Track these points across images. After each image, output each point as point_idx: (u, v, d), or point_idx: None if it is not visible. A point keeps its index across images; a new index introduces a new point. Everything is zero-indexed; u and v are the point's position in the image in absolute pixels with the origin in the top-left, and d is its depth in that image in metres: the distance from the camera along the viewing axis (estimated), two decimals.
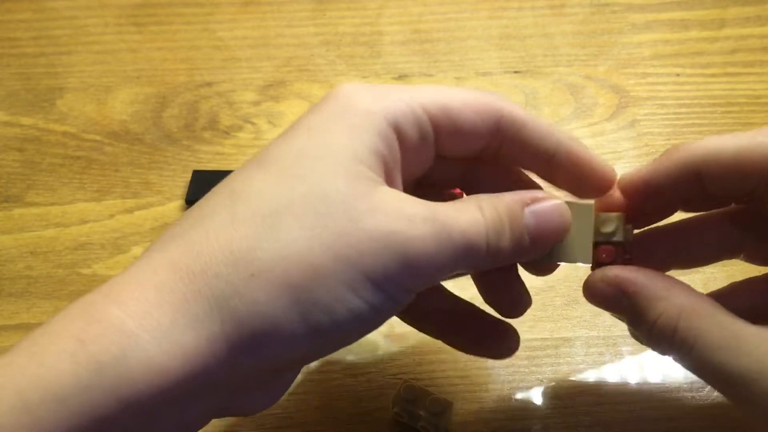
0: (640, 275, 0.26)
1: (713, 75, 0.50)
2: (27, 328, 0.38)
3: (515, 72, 0.51)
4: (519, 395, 0.35)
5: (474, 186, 0.29)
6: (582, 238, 0.27)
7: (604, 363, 0.36)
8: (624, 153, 0.46)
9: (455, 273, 0.25)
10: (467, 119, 0.26)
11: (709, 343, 0.24)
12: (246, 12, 0.55)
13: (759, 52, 0.51)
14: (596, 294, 0.27)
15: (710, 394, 0.35)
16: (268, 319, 0.21)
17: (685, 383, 0.35)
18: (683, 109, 0.48)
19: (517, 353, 0.30)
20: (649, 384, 0.35)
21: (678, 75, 0.50)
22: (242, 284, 0.21)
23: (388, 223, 0.23)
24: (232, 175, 0.25)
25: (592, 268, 0.28)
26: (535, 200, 0.25)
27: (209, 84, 0.50)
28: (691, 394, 0.35)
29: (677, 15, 0.54)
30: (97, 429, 0.20)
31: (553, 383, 0.36)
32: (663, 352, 0.26)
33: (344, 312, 0.22)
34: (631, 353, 0.36)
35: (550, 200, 0.26)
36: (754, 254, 0.30)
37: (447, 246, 0.23)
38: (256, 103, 0.49)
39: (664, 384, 0.35)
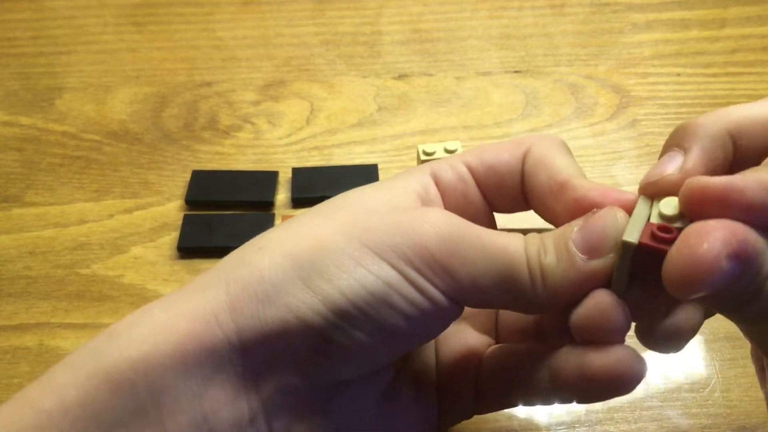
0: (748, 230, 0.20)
1: (714, 75, 0.50)
2: (26, 328, 0.38)
3: (516, 72, 0.51)
4: None
5: None
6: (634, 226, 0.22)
7: None
8: (625, 153, 0.46)
9: (497, 299, 0.23)
10: (500, 158, 0.26)
11: None
12: (245, 12, 0.55)
13: (760, 52, 0.51)
14: (715, 278, 0.19)
15: (711, 394, 0.35)
16: (267, 281, 0.22)
17: (687, 383, 0.35)
18: (684, 109, 0.48)
19: None
20: (650, 384, 0.35)
21: (679, 75, 0.50)
22: (250, 255, 0.22)
23: (406, 212, 0.23)
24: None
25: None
26: (578, 224, 0.23)
27: (209, 84, 0.50)
28: (692, 395, 0.35)
29: (678, 15, 0.54)
30: (111, 391, 0.20)
31: None
32: None
33: (349, 281, 0.21)
34: None
35: (595, 218, 0.23)
36: None
37: (472, 242, 0.22)
38: (256, 103, 0.49)
39: (665, 384, 0.35)
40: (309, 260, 0.22)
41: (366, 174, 0.44)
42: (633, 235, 0.22)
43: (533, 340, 0.27)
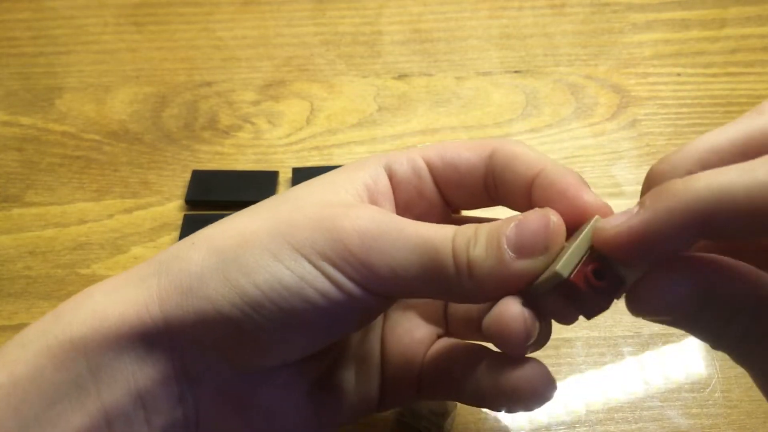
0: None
1: (714, 75, 0.50)
2: None
3: (516, 72, 0.51)
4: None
5: None
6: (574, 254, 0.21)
7: (605, 363, 0.36)
8: (625, 153, 0.46)
9: (422, 289, 0.23)
10: (461, 156, 0.27)
11: None
12: (245, 11, 0.55)
13: (760, 52, 0.51)
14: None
15: (712, 394, 0.35)
16: (193, 275, 0.23)
17: (687, 383, 0.35)
18: (684, 109, 0.48)
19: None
20: (650, 384, 0.35)
21: (679, 75, 0.50)
22: (184, 249, 0.24)
23: (331, 209, 0.24)
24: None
25: (568, 287, 0.21)
26: (516, 219, 0.23)
27: (209, 84, 0.50)
28: (692, 395, 0.35)
29: (678, 14, 0.54)
30: (55, 366, 0.23)
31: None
32: None
33: (265, 276, 0.23)
34: (632, 353, 0.36)
35: (535, 216, 0.23)
36: None
37: (393, 235, 0.23)
38: (256, 103, 0.49)
39: (666, 384, 0.35)
40: (232, 255, 0.23)
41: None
42: (567, 266, 0.21)
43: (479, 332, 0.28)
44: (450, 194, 0.27)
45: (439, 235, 0.23)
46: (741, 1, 0.54)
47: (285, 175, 0.44)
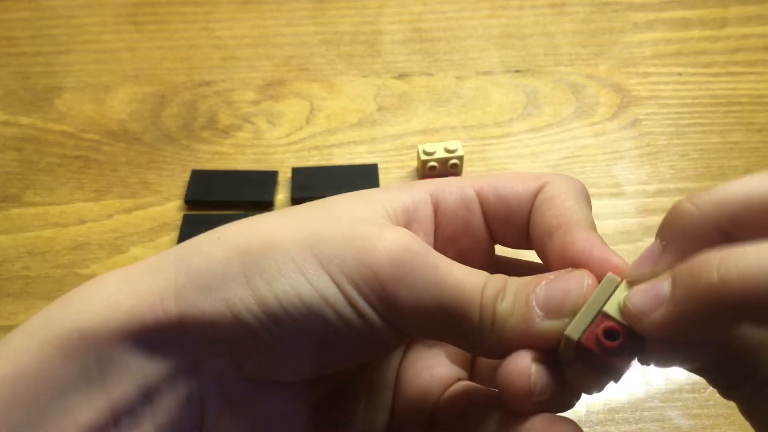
0: None
1: (715, 74, 0.50)
2: None
3: (516, 71, 0.51)
4: None
5: None
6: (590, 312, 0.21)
7: None
8: (625, 153, 0.45)
9: (440, 334, 0.22)
10: (512, 187, 0.25)
11: None
12: (245, 11, 0.55)
13: (761, 51, 0.51)
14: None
15: (712, 395, 0.35)
16: (213, 273, 0.22)
17: (687, 384, 0.35)
18: (685, 109, 0.48)
19: None
20: (651, 385, 0.35)
21: (680, 74, 0.50)
22: (206, 244, 0.23)
23: (365, 228, 0.23)
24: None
25: (577, 348, 0.21)
26: (547, 278, 0.22)
27: (208, 83, 0.50)
28: (693, 395, 0.35)
29: (679, 14, 0.54)
30: (62, 357, 0.21)
31: None
32: None
33: (285, 287, 0.22)
34: None
35: (566, 277, 0.22)
36: None
37: (424, 271, 0.22)
38: (256, 103, 0.49)
39: (666, 384, 0.35)
40: (256, 258, 0.22)
41: (366, 174, 0.44)
42: (577, 329, 0.21)
43: None
44: (498, 230, 0.26)
45: (470, 281, 0.22)
46: (742, 1, 0.54)
47: (284, 175, 0.44)
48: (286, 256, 0.22)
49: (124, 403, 0.22)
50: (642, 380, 0.35)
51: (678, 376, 0.35)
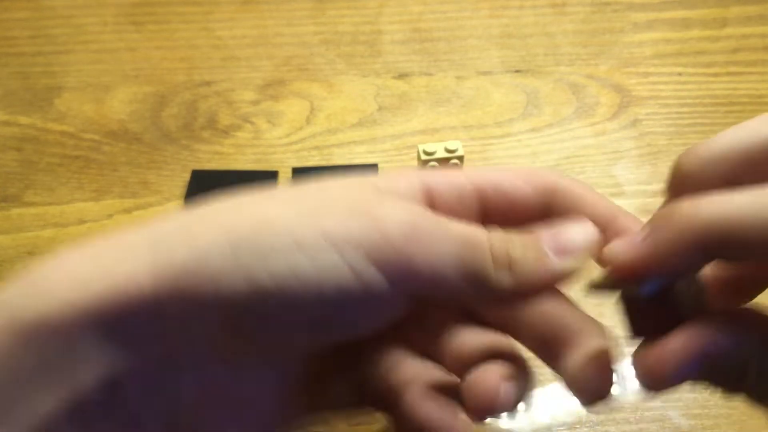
0: (714, 331, 0.21)
1: (715, 74, 0.50)
2: None
3: (516, 71, 0.51)
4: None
5: None
6: None
7: None
8: (626, 153, 0.45)
9: (459, 288, 0.22)
10: (517, 187, 0.25)
11: None
12: (245, 11, 0.55)
13: (761, 51, 0.51)
14: (670, 381, 0.21)
15: (713, 395, 0.35)
16: (197, 251, 0.21)
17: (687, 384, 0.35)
18: (685, 109, 0.48)
19: None
20: None
21: (680, 74, 0.50)
22: (188, 223, 0.22)
23: (365, 195, 0.22)
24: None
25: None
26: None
27: (208, 83, 0.50)
28: (693, 395, 0.35)
29: (679, 14, 0.54)
30: (20, 345, 0.20)
31: (554, 383, 0.35)
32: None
33: (282, 264, 0.20)
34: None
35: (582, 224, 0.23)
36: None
37: (432, 229, 0.22)
38: (256, 103, 0.49)
39: None
40: (248, 235, 0.21)
41: (366, 174, 0.44)
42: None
43: None
44: (493, 215, 0.25)
45: (477, 233, 0.22)
46: (742, 1, 0.54)
47: (285, 175, 0.44)
48: (286, 232, 0.21)
49: (89, 394, 0.20)
50: None
51: None
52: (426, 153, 0.43)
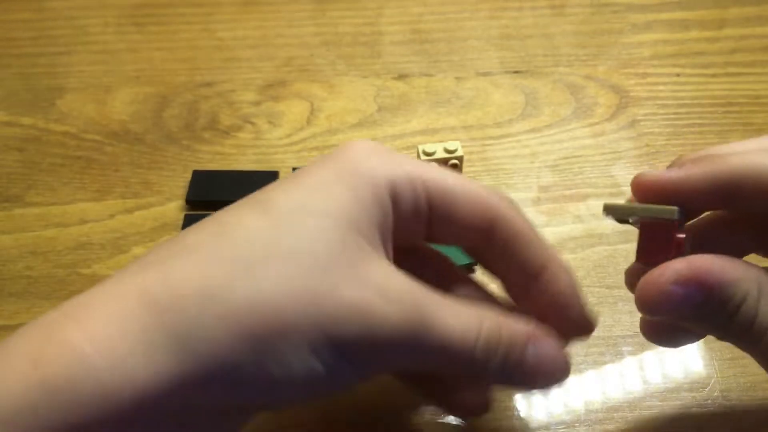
0: (717, 261, 0.23)
1: (713, 75, 0.50)
2: None
3: (515, 72, 0.51)
4: (518, 395, 0.35)
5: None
6: None
7: (604, 363, 0.36)
8: (624, 153, 0.46)
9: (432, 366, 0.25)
10: (463, 209, 0.26)
11: None
12: (246, 12, 0.55)
13: (759, 52, 0.51)
14: (666, 300, 0.23)
15: (711, 393, 0.35)
16: (224, 362, 0.21)
17: (686, 383, 0.35)
18: (683, 109, 0.48)
19: None
20: (650, 383, 0.35)
21: (678, 75, 0.50)
22: (208, 324, 0.21)
23: (362, 294, 0.23)
24: (224, 210, 0.25)
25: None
26: (537, 338, 0.26)
27: (209, 84, 0.50)
28: (691, 394, 0.35)
29: (677, 15, 0.54)
30: None
31: None
32: (740, 341, 0.25)
33: (301, 369, 0.22)
34: (632, 353, 0.36)
35: (553, 341, 0.26)
36: None
37: (419, 336, 0.23)
38: (257, 103, 0.49)
39: (665, 383, 0.35)
40: (268, 341, 0.22)
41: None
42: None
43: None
44: (434, 229, 0.27)
45: (460, 335, 0.24)
46: (740, 2, 0.54)
47: (285, 175, 0.44)
48: (300, 338, 0.22)
49: None
50: (640, 379, 0.36)
51: (676, 375, 0.36)
52: (425, 153, 0.43)
